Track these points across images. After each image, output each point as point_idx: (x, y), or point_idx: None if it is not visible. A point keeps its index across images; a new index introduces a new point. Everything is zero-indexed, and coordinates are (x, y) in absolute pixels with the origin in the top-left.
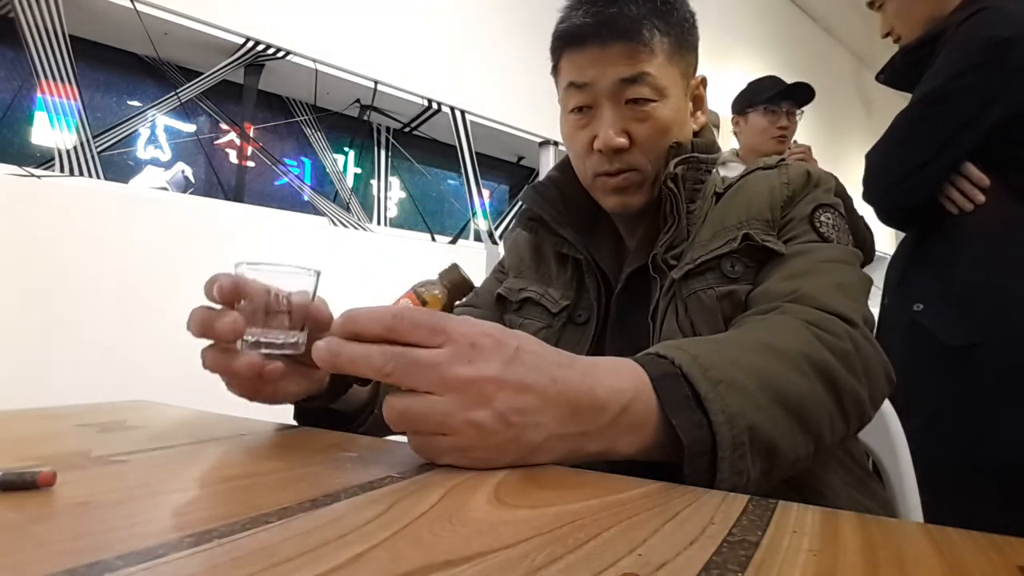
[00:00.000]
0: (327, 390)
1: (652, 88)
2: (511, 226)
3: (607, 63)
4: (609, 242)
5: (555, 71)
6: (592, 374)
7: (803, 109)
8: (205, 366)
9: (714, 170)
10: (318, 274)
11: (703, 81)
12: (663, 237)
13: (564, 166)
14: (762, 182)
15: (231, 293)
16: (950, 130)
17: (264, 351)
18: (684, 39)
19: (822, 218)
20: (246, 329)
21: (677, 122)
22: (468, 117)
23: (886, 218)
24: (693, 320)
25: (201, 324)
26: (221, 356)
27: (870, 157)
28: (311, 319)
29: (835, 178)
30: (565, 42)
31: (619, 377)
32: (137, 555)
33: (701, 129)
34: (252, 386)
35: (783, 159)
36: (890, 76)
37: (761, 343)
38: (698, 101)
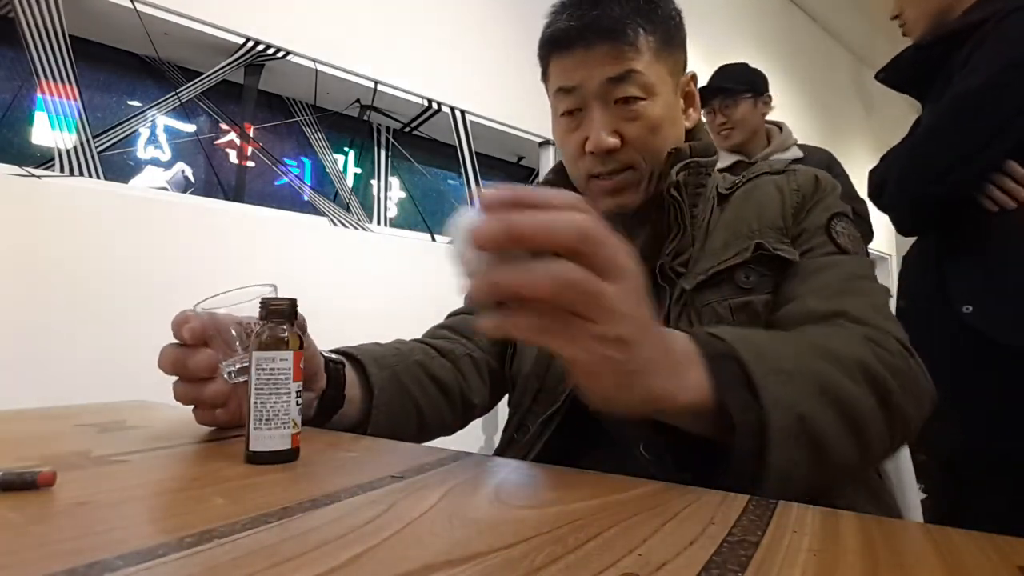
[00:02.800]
0: (316, 412)
1: (640, 86)
2: None
3: (594, 64)
4: None
5: (544, 77)
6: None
7: (766, 93)
8: (177, 398)
9: (714, 171)
10: (274, 288)
11: (693, 77)
12: (669, 246)
13: (559, 169)
14: (771, 188)
15: (201, 334)
16: (997, 123)
17: (244, 378)
18: (670, 36)
19: (838, 228)
20: (221, 363)
21: (668, 119)
22: (468, 117)
23: (912, 221)
24: None
25: (174, 362)
26: (191, 388)
27: (895, 160)
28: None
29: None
30: (551, 47)
31: (683, 342)
32: (137, 555)
33: (695, 128)
34: (223, 415)
35: (790, 163)
36: (892, 75)
37: (818, 345)
38: (689, 98)
